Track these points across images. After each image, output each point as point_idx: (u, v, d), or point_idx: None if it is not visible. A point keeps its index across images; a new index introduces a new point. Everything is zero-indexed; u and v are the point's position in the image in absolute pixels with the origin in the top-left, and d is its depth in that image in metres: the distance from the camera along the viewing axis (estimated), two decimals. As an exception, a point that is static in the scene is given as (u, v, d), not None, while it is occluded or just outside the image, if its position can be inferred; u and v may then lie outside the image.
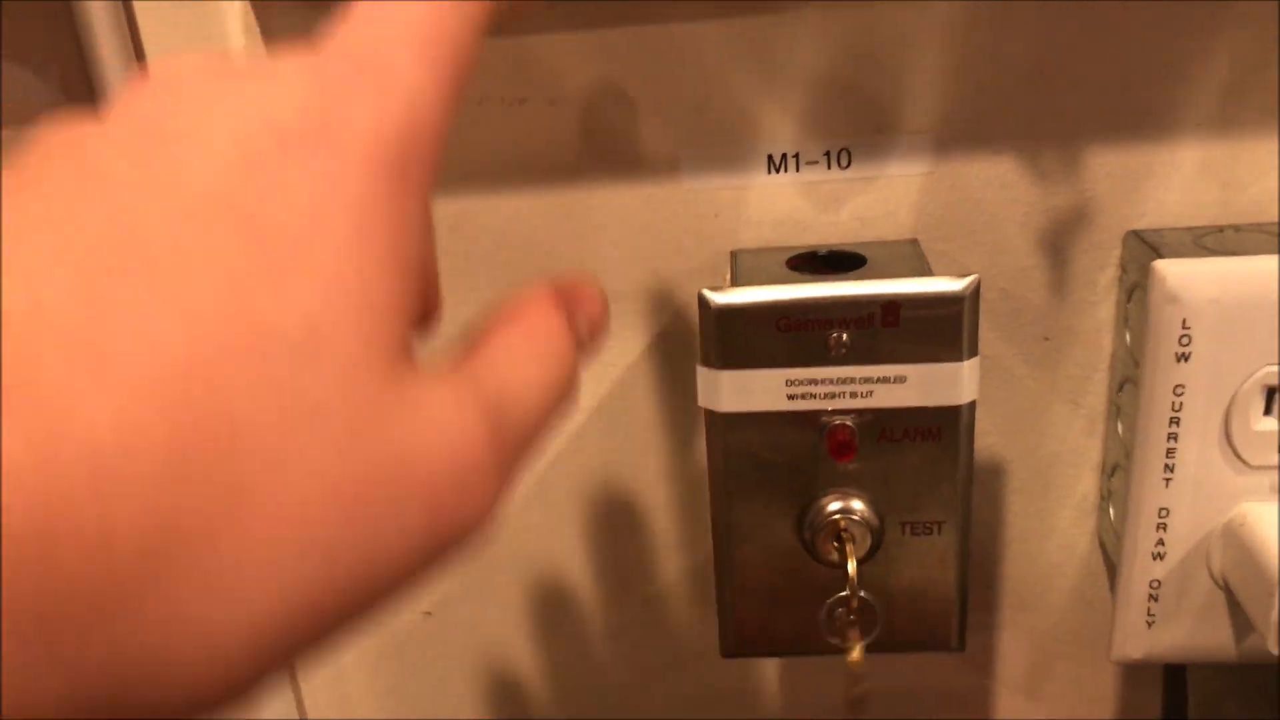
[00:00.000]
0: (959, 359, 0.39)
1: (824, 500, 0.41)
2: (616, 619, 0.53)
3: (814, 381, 0.40)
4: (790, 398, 0.40)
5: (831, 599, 0.41)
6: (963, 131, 0.43)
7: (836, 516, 0.41)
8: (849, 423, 0.40)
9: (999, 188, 0.44)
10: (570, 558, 0.52)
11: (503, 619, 0.54)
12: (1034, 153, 0.44)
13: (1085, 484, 0.49)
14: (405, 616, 0.54)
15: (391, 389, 0.19)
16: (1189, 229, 0.44)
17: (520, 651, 0.55)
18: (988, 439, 0.48)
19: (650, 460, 0.50)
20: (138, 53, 0.44)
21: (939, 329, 0.39)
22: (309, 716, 0.57)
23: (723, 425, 0.41)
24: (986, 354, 0.47)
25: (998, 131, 0.43)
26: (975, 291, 0.38)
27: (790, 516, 0.42)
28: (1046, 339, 0.46)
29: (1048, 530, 0.50)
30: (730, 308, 0.39)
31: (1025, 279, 0.45)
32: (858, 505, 0.41)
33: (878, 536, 0.41)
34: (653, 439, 0.49)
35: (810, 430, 0.40)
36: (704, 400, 0.41)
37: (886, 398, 0.40)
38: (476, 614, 0.54)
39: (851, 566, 0.40)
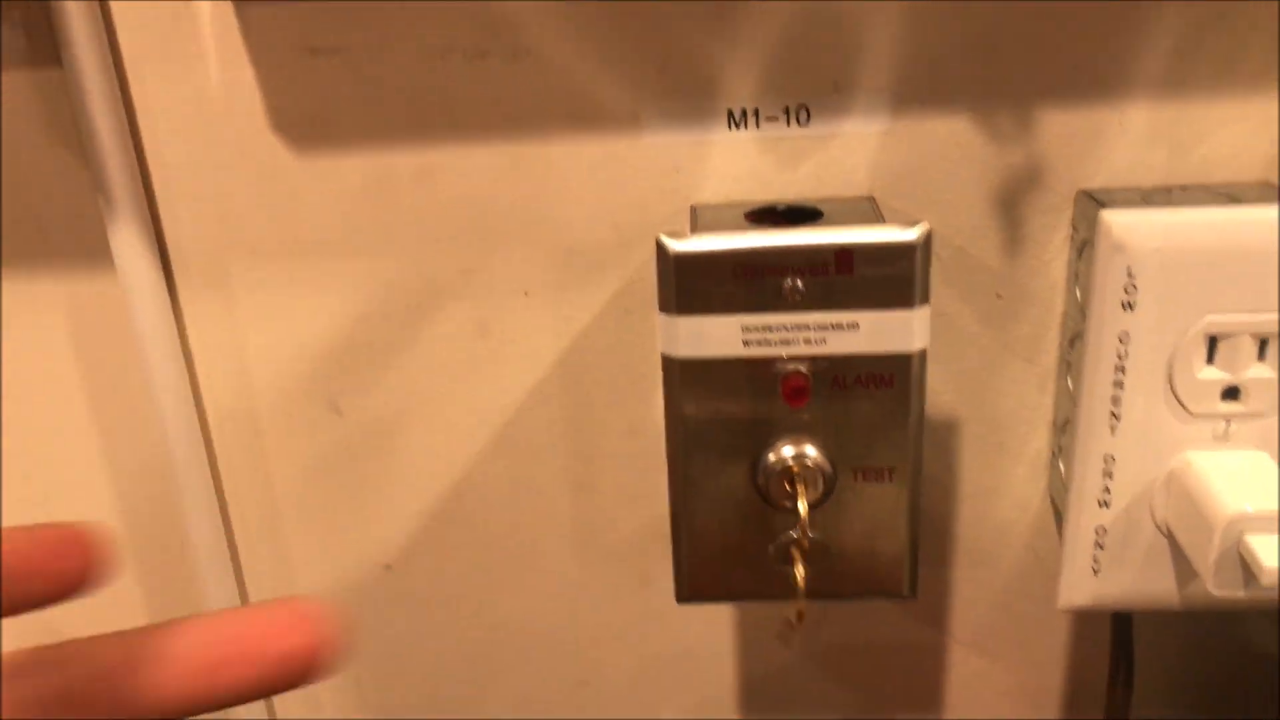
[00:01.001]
0: (910, 306, 0.40)
1: (778, 446, 0.42)
2: (577, 573, 0.54)
3: (769, 328, 0.40)
4: (746, 344, 0.41)
5: (783, 536, 0.42)
6: (919, 90, 0.44)
7: (790, 462, 0.42)
8: (803, 369, 0.41)
9: (954, 147, 0.45)
10: (530, 512, 0.53)
11: (463, 574, 0.54)
12: (989, 112, 0.44)
13: (1038, 441, 0.50)
14: (365, 570, 0.55)
15: None
16: (1138, 189, 0.45)
17: (481, 606, 0.55)
18: (942, 396, 0.49)
19: (611, 415, 0.50)
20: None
21: (891, 277, 0.39)
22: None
23: (680, 371, 0.41)
24: (941, 311, 0.48)
25: (954, 91, 0.44)
26: (927, 240, 0.39)
27: (745, 463, 0.43)
28: (1000, 297, 0.47)
29: (1001, 487, 0.51)
30: (688, 254, 0.40)
31: (979, 238, 0.46)
32: (811, 451, 0.42)
33: (830, 482, 0.42)
34: (613, 393, 0.50)
35: (765, 376, 0.41)
36: (662, 346, 0.41)
37: (840, 344, 0.40)
38: (437, 569, 0.54)
39: (803, 507, 0.41)
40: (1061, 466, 0.48)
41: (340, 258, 0.48)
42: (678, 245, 0.40)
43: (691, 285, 0.40)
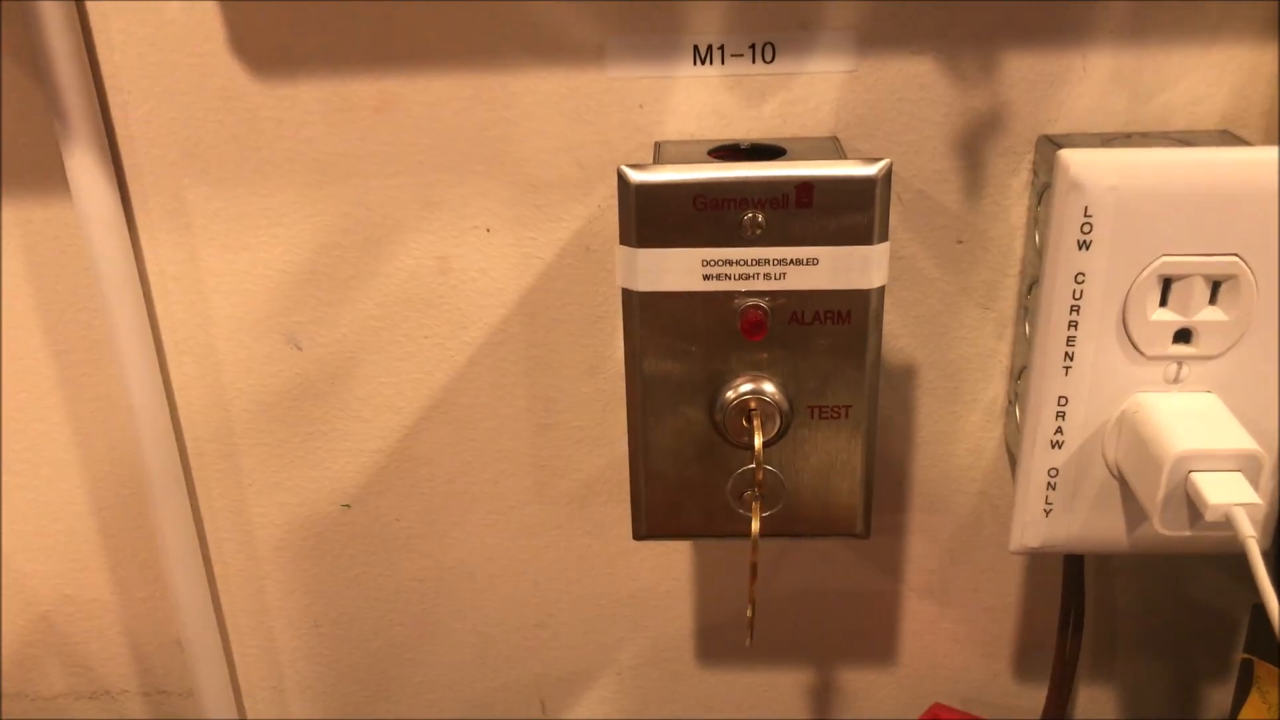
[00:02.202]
0: (870, 242, 0.40)
1: (736, 382, 0.42)
2: (536, 513, 0.54)
3: (729, 262, 0.40)
4: (705, 278, 0.41)
5: (738, 471, 0.42)
6: (885, 31, 0.44)
7: (747, 397, 0.42)
8: (762, 303, 0.41)
9: (918, 88, 0.45)
10: (490, 452, 0.53)
11: (421, 513, 0.54)
12: (953, 54, 0.45)
13: (994, 388, 0.50)
14: (323, 508, 0.54)
15: None
16: (1097, 134, 0.45)
17: (438, 546, 0.55)
18: (899, 341, 0.49)
19: (572, 354, 0.50)
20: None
21: (851, 212, 0.39)
22: (223, 609, 0.57)
23: (639, 305, 0.41)
24: (900, 255, 0.48)
25: (919, 32, 0.44)
26: (887, 176, 0.39)
27: (703, 399, 0.43)
28: (960, 242, 0.48)
29: (956, 433, 0.51)
30: (648, 185, 0.40)
31: (941, 181, 0.46)
32: (769, 388, 0.42)
33: (787, 419, 0.42)
34: (575, 332, 0.50)
35: (724, 311, 0.41)
36: (622, 279, 0.41)
37: (799, 280, 0.40)
38: (396, 507, 0.54)
39: (758, 441, 0.41)
40: (1017, 413, 0.48)
41: (300, 187, 0.48)
42: (639, 176, 0.40)
43: (652, 217, 0.40)
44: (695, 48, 0.45)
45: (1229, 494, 0.37)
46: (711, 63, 0.45)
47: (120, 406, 0.52)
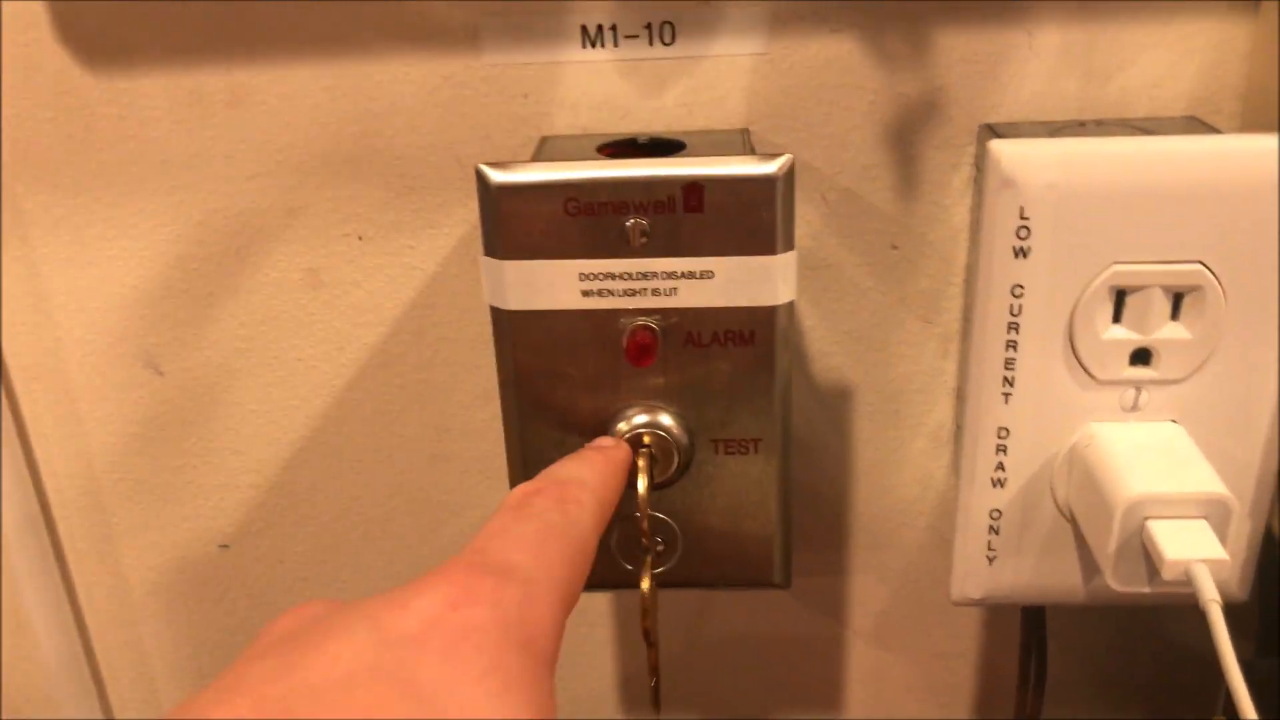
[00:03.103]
0: (772, 252, 0.34)
1: (627, 414, 0.37)
2: (428, 553, 0.48)
3: (610, 275, 0.35)
4: (585, 294, 0.35)
5: (622, 519, 0.36)
6: (799, 6, 0.38)
7: (640, 430, 0.36)
8: (651, 324, 0.35)
9: (840, 72, 0.39)
10: (379, 486, 0.47)
11: (306, 554, 0.49)
12: (878, 32, 0.39)
13: (940, 411, 0.44)
14: (199, 549, 0.49)
15: None
16: (1046, 123, 0.39)
17: (326, 589, 0.50)
18: (832, 359, 0.44)
19: (464, 378, 0.45)
20: None
21: (749, 217, 0.34)
22: (96, 655, 0.52)
23: (510, 326, 0.36)
24: (829, 263, 0.42)
25: (838, 7, 0.38)
26: (789, 174, 0.33)
27: (590, 433, 0.37)
28: (895, 248, 0.42)
29: (900, 461, 0.45)
30: (511, 186, 0.34)
31: (870, 179, 0.41)
32: (665, 420, 0.36)
33: (687, 455, 0.37)
34: (466, 352, 0.44)
35: (609, 333, 0.35)
36: (489, 296, 0.36)
37: (692, 296, 0.35)
38: (278, 548, 0.49)
39: (642, 484, 0.35)
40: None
41: (148, 193, 0.42)
42: (500, 176, 0.34)
43: (519, 224, 0.34)
44: (584, 28, 0.39)
45: (1190, 548, 0.31)
46: (603, 45, 0.39)
47: (-37, 440, 0.46)
